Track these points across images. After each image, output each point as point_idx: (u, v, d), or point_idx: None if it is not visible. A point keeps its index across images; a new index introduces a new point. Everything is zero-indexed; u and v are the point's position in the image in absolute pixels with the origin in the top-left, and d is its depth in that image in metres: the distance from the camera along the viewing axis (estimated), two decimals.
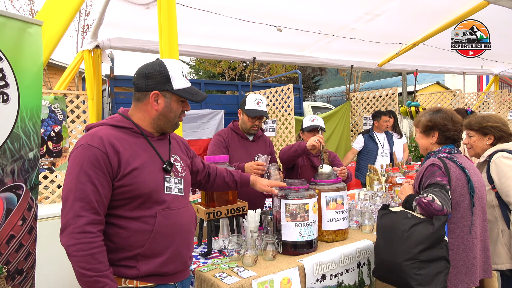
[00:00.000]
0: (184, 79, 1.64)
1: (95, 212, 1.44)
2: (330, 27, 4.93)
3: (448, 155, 2.14)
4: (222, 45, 5.08)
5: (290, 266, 2.00)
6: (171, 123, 1.68)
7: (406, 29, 5.39)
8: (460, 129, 2.18)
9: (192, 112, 5.93)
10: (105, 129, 1.56)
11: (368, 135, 4.95)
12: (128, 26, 4.18)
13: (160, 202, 1.56)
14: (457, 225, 2.04)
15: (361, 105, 6.96)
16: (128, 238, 1.51)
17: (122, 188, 1.50)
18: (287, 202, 2.16)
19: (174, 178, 1.65)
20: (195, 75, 19.52)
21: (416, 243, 1.85)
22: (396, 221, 1.96)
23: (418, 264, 1.84)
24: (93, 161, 1.46)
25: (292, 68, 13.84)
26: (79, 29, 10.78)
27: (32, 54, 1.97)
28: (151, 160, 1.59)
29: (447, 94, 7.48)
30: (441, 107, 2.28)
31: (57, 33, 2.29)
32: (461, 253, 2.02)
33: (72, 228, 1.40)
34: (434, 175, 2.02)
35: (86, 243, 1.39)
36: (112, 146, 1.50)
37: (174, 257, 1.59)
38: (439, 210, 1.88)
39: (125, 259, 1.51)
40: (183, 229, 1.62)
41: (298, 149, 2.92)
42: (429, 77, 19.57)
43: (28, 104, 1.95)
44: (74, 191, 1.43)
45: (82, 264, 1.38)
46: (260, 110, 2.85)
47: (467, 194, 2.04)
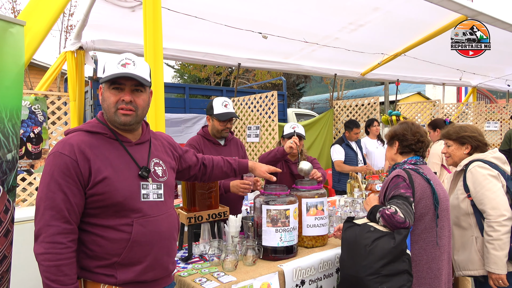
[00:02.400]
0: (116, 66, 1.55)
1: (66, 221, 1.42)
2: (314, 35, 5.02)
3: (414, 166, 2.18)
4: (208, 50, 5.09)
5: (270, 271, 2.01)
6: (110, 113, 1.56)
7: (388, 40, 5.53)
8: (419, 139, 2.25)
9: (175, 116, 5.91)
10: (78, 136, 1.53)
11: (345, 144, 5.01)
12: (113, 28, 4.15)
13: (136, 210, 1.52)
14: (420, 237, 2.07)
15: (343, 113, 7.07)
16: (105, 246, 1.48)
17: (95, 196, 1.47)
18: (268, 207, 2.18)
19: (153, 184, 1.61)
20: (180, 79, 19.44)
21: (378, 258, 1.86)
22: (359, 234, 1.96)
23: (381, 278, 1.85)
24: (63, 169, 1.44)
25: (277, 75, 13.94)
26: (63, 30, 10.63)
27: (13, 54, 1.94)
28: (125, 167, 1.55)
29: (427, 104, 7.68)
30: (407, 121, 2.39)
31: (40, 33, 2.26)
32: (424, 264, 2.05)
33: (43, 237, 1.39)
34: (398, 187, 2.05)
35: (54, 253, 1.38)
36: (82, 154, 1.47)
37: (154, 264, 1.55)
38: (401, 222, 1.90)
39: (103, 266, 1.49)
40: (162, 236, 1.58)
41: (277, 153, 2.95)
42: (411, 87, 20.02)
43: (7, 105, 1.92)
44: (45, 200, 1.42)
45: (47, 275, 1.37)
46: (230, 112, 2.85)
47: (431, 206, 2.07)
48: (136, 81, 1.55)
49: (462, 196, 2.42)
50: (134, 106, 1.57)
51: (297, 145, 2.82)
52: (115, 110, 1.55)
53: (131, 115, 1.57)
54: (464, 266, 2.40)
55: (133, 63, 1.56)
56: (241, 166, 2.20)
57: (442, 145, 2.76)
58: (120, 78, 1.53)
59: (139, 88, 1.58)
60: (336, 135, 7.15)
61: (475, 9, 4.16)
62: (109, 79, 1.52)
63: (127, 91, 1.56)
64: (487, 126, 8.35)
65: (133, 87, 1.57)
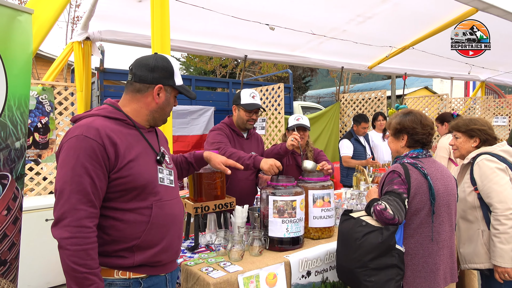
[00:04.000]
0: (180, 76, 1.69)
1: (92, 205, 1.41)
2: (322, 28, 4.98)
3: (413, 160, 2.12)
4: (214, 42, 5.07)
5: (276, 262, 2.02)
6: (165, 116, 1.70)
7: (396, 33, 5.47)
8: (430, 132, 2.17)
9: (182, 108, 5.91)
10: (100, 120, 1.52)
11: (354, 138, 4.97)
12: (120, 19, 4.15)
13: (154, 193, 1.55)
14: (416, 231, 2.05)
15: (350, 107, 7.03)
16: (124, 230, 1.49)
17: (118, 180, 1.48)
18: (275, 198, 2.18)
19: (166, 169, 1.66)
20: (185, 71, 19.42)
21: (367, 252, 1.91)
22: (352, 228, 1.99)
23: (369, 271, 1.91)
24: (90, 153, 1.42)
25: (283, 68, 13.88)
26: (69, 21, 10.63)
27: (21, 42, 1.94)
28: (144, 152, 1.59)
29: (435, 98, 7.61)
30: (412, 110, 2.24)
31: (48, 22, 2.26)
32: (419, 258, 2.04)
33: (68, 221, 1.36)
34: (392, 183, 2.03)
35: (82, 237, 1.36)
36: (109, 138, 1.47)
37: (168, 247, 1.59)
38: (390, 218, 1.91)
39: (120, 250, 1.50)
40: (176, 219, 1.63)
41: (280, 150, 2.92)
42: (418, 82, 19.85)
43: (16, 93, 1.93)
44: (70, 183, 1.39)
45: (75, 259, 1.35)
46: (256, 104, 2.86)
47: (428, 202, 2.04)
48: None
49: (469, 189, 2.40)
50: None
51: (299, 141, 2.77)
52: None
53: None
54: (470, 259, 2.39)
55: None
56: (196, 157, 2.17)
57: (450, 139, 2.73)
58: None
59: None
60: (343, 128, 7.12)
61: (486, 1, 4.09)
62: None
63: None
64: (495, 121, 8.27)
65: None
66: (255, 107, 2.84)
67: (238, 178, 2.89)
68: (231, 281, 1.83)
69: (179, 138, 5.83)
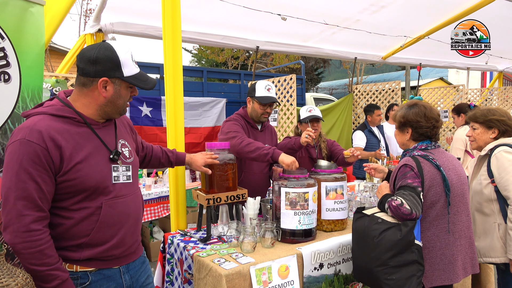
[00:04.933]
0: (134, 65, 1.55)
1: (39, 210, 1.39)
2: (335, 17, 4.89)
3: (423, 152, 2.07)
4: (226, 33, 5.04)
5: (288, 254, 2.01)
6: (119, 109, 1.60)
7: (411, 22, 5.35)
8: (435, 125, 2.11)
9: (193, 100, 5.92)
10: (45, 120, 1.45)
11: (367, 130, 4.89)
12: (131, 10, 4.13)
13: (107, 192, 1.52)
14: (432, 224, 2.01)
15: (363, 98, 6.94)
16: (72, 228, 1.47)
17: (66, 183, 1.44)
18: (287, 190, 2.16)
19: (122, 166, 1.60)
20: (197, 63, 19.43)
21: (386, 249, 1.86)
22: (367, 226, 1.94)
23: (389, 269, 1.85)
24: (33, 157, 1.37)
25: (295, 59, 13.76)
26: (82, 13, 10.69)
27: (34, 34, 1.95)
28: (95, 151, 1.53)
29: (450, 89, 7.45)
30: (418, 101, 2.18)
31: (59, 14, 2.27)
32: (437, 251, 2.00)
33: (16, 227, 1.35)
34: (405, 177, 1.98)
35: (33, 241, 1.36)
36: (53, 141, 1.41)
37: (119, 243, 1.57)
38: (407, 214, 1.86)
39: (69, 246, 1.49)
40: (130, 217, 1.60)
41: (294, 146, 2.89)
42: (432, 72, 19.48)
43: (29, 85, 1.94)
44: (15, 190, 1.36)
45: (32, 261, 1.36)
46: (271, 97, 2.81)
47: (443, 193, 2.00)
48: None
49: (486, 181, 2.34)
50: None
51: (313, 137, 2.75)
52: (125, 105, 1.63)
53: None
54: (485, 253, 2.34)
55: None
56: (178, 159, 2.18)
57: (466, 131, 2.67)
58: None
59: None
60: (355, 120, 7.04)
61: None
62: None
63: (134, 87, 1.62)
64: None
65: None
66: (270, 100, 2.79)
67: (252, 172, 2.88)
68: (243, 273, 1.83)
69: (191, 130, 5.84)
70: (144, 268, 1.77)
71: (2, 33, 1.80)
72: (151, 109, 5.52)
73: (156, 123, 5.54)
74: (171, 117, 2.48)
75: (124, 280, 1.64)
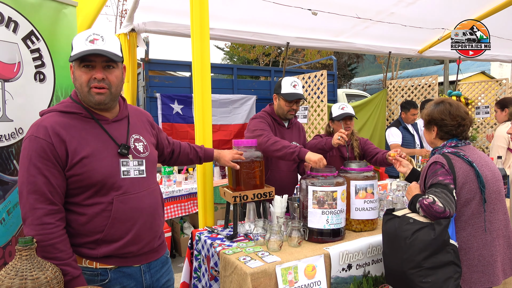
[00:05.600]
0: (84, 43, 1.47)
1: (51, 203, 1.43)
2: (367, 11, 4.75)
3: (454, 149, 1.98)
4: (255, 30, 5.02)
5: (315, 254, 1.97)
6: (84, 93, 1.53)
7: (450, 13, 5.09)
8: (460, 123, 2.01)
9: (223, 97, 5.95)
10: (52, 117, 1.50)
11: (402, 127, 4.71)
12: (163, 9, 4.21)
13: (116, 187, 1.53)
14: (468, 223, 1.91)
15: (398, 93, 6.72)
16: (87, 224, 1.50)
17: (74, 177, 1.47)
18: (314, 188, 2.11)
19: (133, 161, 1.60)
20: (229, 61, 19.56)
21: (419, 250, 1.78)
22: (398, 227, 1.87)
23: (424, 271, 1.77)
24: (40, 153, 1.43)
25: (328, 55, 13.54)
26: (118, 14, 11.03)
27: (67, 34, 2.01)
28: (103, 145, 1.54)
29: (492, 83, 7.06)
30: (445, 99, 2.10)
31: (91, 14, 2.33)
32: (474, 251, 1.90)
33: (30, 220, 1.41)
34: (436, 174, 1.90)
35: (46, 234, 1.40)
36: (57, 136, 1.45)
37: (135, 240, 1.57)
38: (440, 212, 1.78)
39: (86, 243, 1.52)
40: (144, 212, 1.59)
41: (325, 146, 2.82)
42: (474, 66, 18.57)
43: (63, 84, 2.01)
44: (27, 184, 1.42)
45: (44, 254, 1.40)
46: (297, 93, 2.75)
47: (477, 190, 1.90)
48: (107, 57, 1.49)
49: None
50: (107, 84, 1.52)
51: (345, 139, 2.65)
52: (88, 89, 1.51)
53: (105, 93, 1.52)
54: None
55: (102, 38, 1.49)
56: (206, 154, 2.19)
57: (509, 127, 2.51)
58: (89, 55, 1.47)
59: (110, 64, 1.53)
60: (390, 116, 6.83)
61: None
62: (78, 57, 1.46)
63: (98, 68, 1.50)
64: None
65: (104, 64, 1.51)
66: (295, 97, 2.74)
67: (279, 169, 2.85)
68: (269, 272, 1.81)
69: (221, 127, 5.89)
70: (166, 270, 1.78)
71: (37, 34, 1.87)
72: (182, 106, 5.61)
73: (187, 121, 5.62)
74: (199, 114, 2.49)
75: (145, 279, 1.66)
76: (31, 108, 1.85)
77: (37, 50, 1.87)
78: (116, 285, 1.57)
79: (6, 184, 1.73)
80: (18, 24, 1.77)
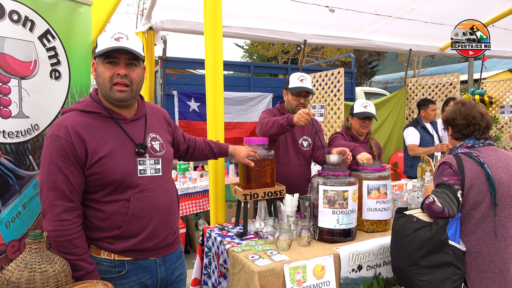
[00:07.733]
0: (109, 40, 1.52)
1: (69, 200, 1.48)
2: (387, 7, 4.65)
3: (468, 149, 1.95)
4: (272, 27, 5.00)
5: (324, 254, 1.95)
6: (106, 89, 1.56)
7: (473, 9, 4.93)
8: (471, 122, 1.97)
9: (240, 95, 5.96)
10: (73, 116, 1.55)
11: (420, 126, 4.59)
12: (180, 7, 4.24)
13: (134, 186, 1.57)
14: (478, 227, 1.86)
15: (418, 92, 6.57)
16: (105, 221, 1.55)
17: (93, 176, 1.52)
18: (325, 188, 2.09)
19: (150, 160, 1.64)
20: (248, 59, 19.58)
21: (416, 248, 1.80)
22: (403, 225, 1.89)
23: (421, 270, 1.79)
24: (61, 151, 1.48)
25: (347, 52, 13.36)
26: (138, 13, 11.20)
27: (82, 33, 2.06)
28: (121, 145, 1.58)
29: None
30: (463, 99, 2.08)
31: (106, 13, 2.37)
32: (485, 257, 1.85)
33: (49, 216, 1.46)
34: (442, 175, 1.89)
35: (63, 230, 1.45)
36: (77, 135, 1.50)
37: (151, 236, 1.62)
38: (439, 212, 1.77)
39: (105, 237, 1.57)
40: (160, 210, 1.64)
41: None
42: (500, 64, 17.94)
43: (78, 81, 2.06)
44: (47, 182, 1.47)
45: (61, 249, 1.46)
46: (303, 87, 2.72)
47: (487, 193, 1.84)
48: (131, 54, 1.54)
49: None
50: (129, 80, 1.56)
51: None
52: (111, 86, 1.55)
53: (127, 91, 1.56)
54: None
55: (126, 37, 1.55)
56: (221, 150, 2.20)
57: None
58: (114, 52, 1.52)
59: (133, 62, 1.58)
60: (409, 115, 6.69)
61: None
62: (103, 53, 1.51)
63: (121, 65, 1.55)
64: None
65: (128, 61, 1.56)
66: (301, 90, 2.71)
67: (288, 163, 2.83)
68: (277, 270, 1.80)
69: (237, 125, 5.90)
70: (179, 263, 1.83)
71: (53, 33, 1.91)
72: (199, 104, 5.65)
73: (203, 118, 5.66)
74: (211, 112, 2.51)
75: (160, 272, 1.70)
76: (47, 105, 1.90)
77: (53, 48, 1.92)
78: (133, 277, 1.62)
79: (22, 178, 1.78)
80: (34, 23, 1.82)
